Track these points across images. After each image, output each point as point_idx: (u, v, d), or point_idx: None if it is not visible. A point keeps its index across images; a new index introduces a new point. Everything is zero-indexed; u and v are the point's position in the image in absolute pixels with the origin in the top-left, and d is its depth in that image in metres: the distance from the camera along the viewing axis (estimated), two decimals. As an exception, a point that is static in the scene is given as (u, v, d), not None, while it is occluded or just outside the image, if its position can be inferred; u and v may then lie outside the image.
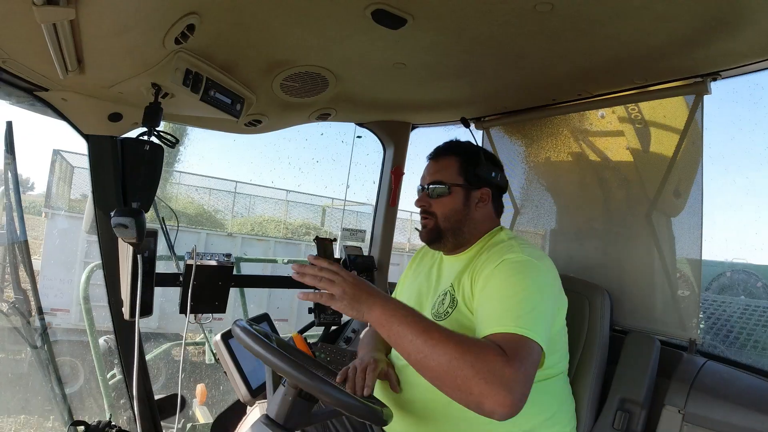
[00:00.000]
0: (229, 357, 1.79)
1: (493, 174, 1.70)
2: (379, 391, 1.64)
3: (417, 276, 1.80)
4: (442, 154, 1.72)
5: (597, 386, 1.70)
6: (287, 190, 15.83)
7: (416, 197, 1.72)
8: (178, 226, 2.13)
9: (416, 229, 1.77)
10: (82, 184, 10.53)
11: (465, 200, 1.65)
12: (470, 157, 1.69)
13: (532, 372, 1.21)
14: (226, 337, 1.81)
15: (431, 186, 1.67)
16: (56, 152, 9.88)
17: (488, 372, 1.12)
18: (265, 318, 2.09)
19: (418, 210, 1.72)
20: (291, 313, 8.88)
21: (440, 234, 1.65)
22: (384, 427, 1.48)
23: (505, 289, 1.36)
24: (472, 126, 2.47)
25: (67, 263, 7.86)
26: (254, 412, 1.72)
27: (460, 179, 1.65)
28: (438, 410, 1.46)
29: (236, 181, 15.12)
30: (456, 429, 1.44)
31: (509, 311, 1.29)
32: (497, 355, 1.15)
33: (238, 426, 1.74)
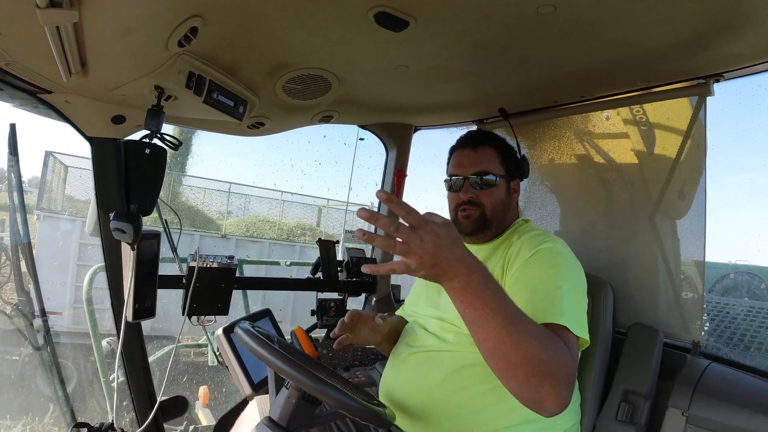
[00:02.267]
0: (231, 351, 1.79)
1: (524, 165, 1.80)
2: (383, 394, 1.64)
3: None
4: (480, 143, 1.71)
5: (600, 378, 1.70)
6: (282, 191, 15.74)
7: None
8: (181, 229, 2.13)
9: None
10: (77, 185, 10.54)
11: (507, 191, 1.69)
12: (507, 148, 1.75)
13: (577, 367, 1.24)
14: (228, 331, 1.81)
15: (476, 176, 1.65)
16: (48, 153, 9.85)
17: (560, 374, 1.11)
18: (266, 314, 2.08)
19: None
20: (285, 315, 8.85)
21: (486, 224, 1.64)
22: (387, 429, 1.48)
23: (548, 279, 1.36)
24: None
25: (60, 266, 7.85)
26: (253, 407, 1.72)
27: (502, 170, 1.68)
28: (442, 410, 1.45)
29: (230, 182, 15.07)
30: (461, 428, 1.44)
31: (557, 303, 1.29)
32: (567, 355, 1.16)
33: (237, 421, 1.73)
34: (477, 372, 1.39)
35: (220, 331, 1.82)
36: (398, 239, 1.03)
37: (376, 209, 2.91)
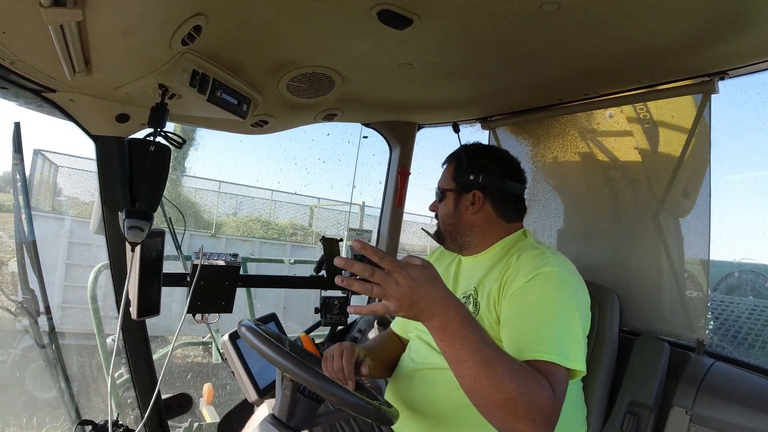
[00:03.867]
0: (237, 357, 1.80)
1: (479, 177, 1.65)
2: (390, 392, 1.65)
3: None
4: (446, 161, 1.78)
5: (606, 388, 1.70)
6: (272, 190, 15.61)
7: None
8: (185, 227, 2.14)
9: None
10: (66, 184, 10.53)
11: (455, 204, 1.68)
12: (469, 160, 1.69)
13: (563, 400, 1.23)
14: (234, 336, 1.82)
15: (437, 191, 1.75)
16: (37, 152, 9.78)
17: (538, 413, 1.13)
18: (272, 318, 2.09)
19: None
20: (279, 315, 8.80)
21: (441, 237, 1.74)
22: (392, 427, 1.48)
23: (543, 310, 1.34)
24: (478, 126, 2.47)
25: (48, 265, 7.80)
26: (262, 411, 1.73)
27: (452, 184, 1.69)
28: (448, 413, 1.46)
29: (220, 181, 14.90)
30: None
31: (548, 336, 1.28)
32: (548, 394, 1.16)
33: (246, 425, 1.74)
34: None
35: (226, 337, 1.83)
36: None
37: (380, 208, 2.92)
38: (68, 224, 8.45)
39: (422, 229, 1.78)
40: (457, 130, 1.97)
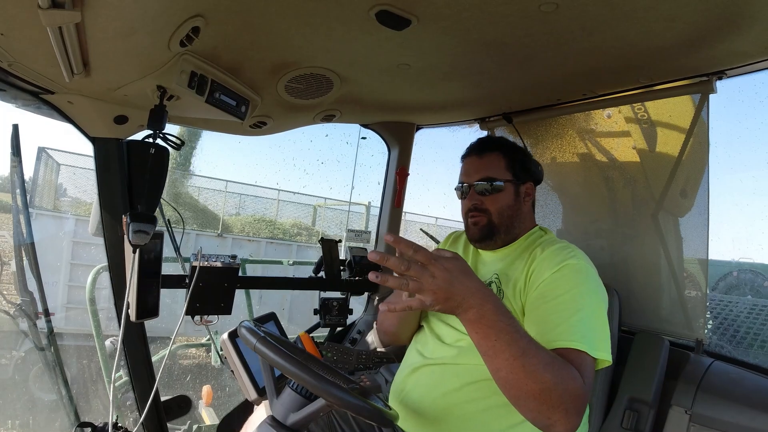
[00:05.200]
0: (237, 356, 1.79)
1: (535, 168, 1.73)
2: (395, 386, 1.64)
3: None
4: (485, 149, 1.70)
5: (606, 385, 1.70)
6: (279, 190, 15.61)
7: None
8: (183, 229, 2.13)
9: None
10: (70, 182, 10.46)
11: (516, 195, 1.66)
12: (515, 152, 1.71)
13: (591, 388, 1.26)
14: (234, 335, 1.81)
15: (481, 182, 1.65)
16: (41, 150, 9.70)
17: (572, 403, 1.15)
18: (271, 317, 2.08)
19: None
20: (282, 316, 8.74)
21: (493, 231, 1.64)
22: (392, 428, 1.48)
23: (571, 300, 1.36)
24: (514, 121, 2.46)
25: (53, 265, 7.75)
26: (261, 411, 1.72)
27: (509, 174, 1.66)
28: (454, 419, 1.45)
29: (227, 180, 14.92)
30: (467, 429, 1.44)
31: (577, 325, 1.30)
32: (579, 384, 1.18)
33: (245, 425, 1.74)
34: (490, 386, 1.39)
35: (225, 336, 1.82)
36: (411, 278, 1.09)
37: (378, 208, 2.92)
38: (72, 224, 8.38)
39: (421, 230, 1.77)
40: (509, 120, 1.94)
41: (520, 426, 1.38)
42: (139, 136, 1.85)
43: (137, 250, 1.72)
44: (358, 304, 2.72)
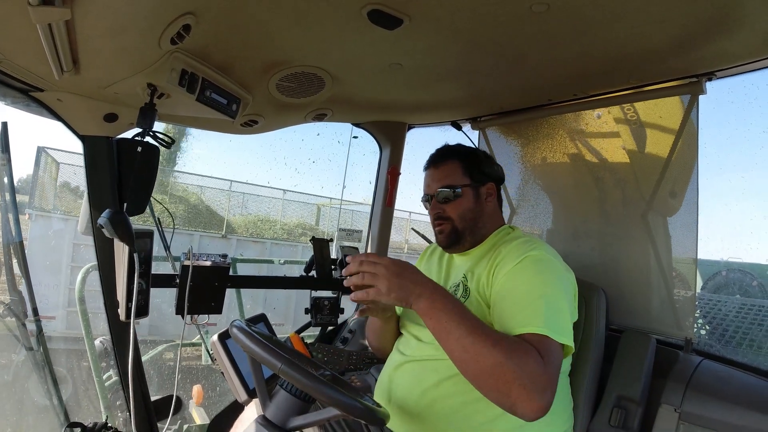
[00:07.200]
0: (227, 357, 1.78)
1: (494, 168, 1.77)
2: (379, 385, 1.65)
3: (427, 273, 1.81)
4: (441, 159, 1.75)
5: (593, 383, 1.71)
6: (284, 190, 15.58)
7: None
8: (174, 227, 2.12)
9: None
10: (70, 182, 10.33)
11: (476, 198, 1.69)
12: (471, 156, 1.74)
13: (558, 375, 1.27)
14: (224, 337, 1.81)
15: (441, 191, 1.69)
16: (41, 149, 9.57)
17: (528, 378, 1.17)
18: (261, 318, 2.08)
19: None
20: (287, 317, 8.74)
21: (459, 235, 1.68)
22: (382, 427, 1.48)
23: (532, 288, 1.39)
24: (467, 127, 2.48)
25: (53, 267, 7.66)
26: (250, 410, 1.72)
27: (466, 179, 1.69)
28: (436, 414, 1.47)
29: (231, 180, 14.88)
30: (455, 428, 1.45)
31: (538, 312, 1.32)
32: (537, 361, 1.21)
33: (234, 424, 1.74)
34: (466, 380, 1.41)
35: (215, 337, 1.81)
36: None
37: (369, 206, 2.92)
38: (73, 224, 8.22)
39: (413, 229, 1.79)
40: (458, 127, 1.97)
41: (501, 418, 1.40)
42: (129, 134, 1.84)
43: (126, 249, 1.71)
44: (349, 303, 2.72)
